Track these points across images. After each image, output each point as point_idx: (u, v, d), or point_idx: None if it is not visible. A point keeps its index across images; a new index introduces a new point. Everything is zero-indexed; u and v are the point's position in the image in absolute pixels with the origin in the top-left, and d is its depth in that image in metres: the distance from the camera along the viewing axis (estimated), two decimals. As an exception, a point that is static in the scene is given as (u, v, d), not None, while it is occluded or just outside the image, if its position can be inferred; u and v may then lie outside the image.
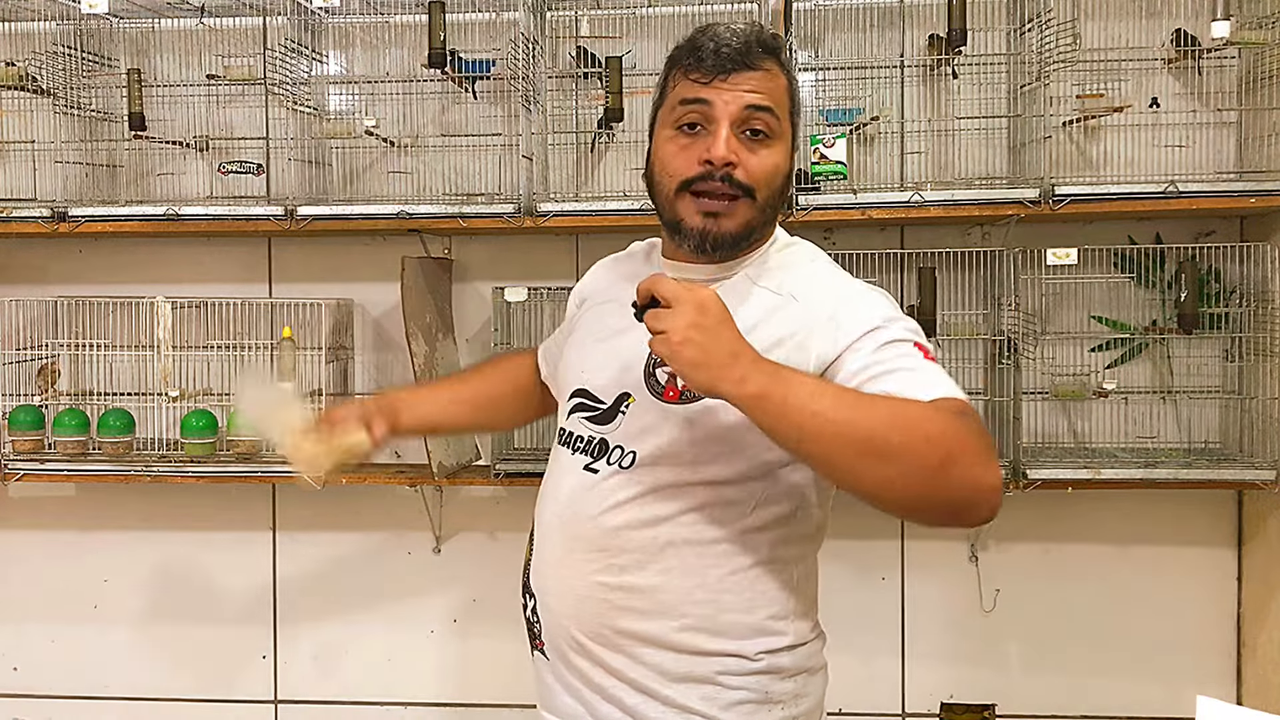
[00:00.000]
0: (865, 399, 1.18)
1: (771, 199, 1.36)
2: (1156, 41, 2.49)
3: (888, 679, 2.68)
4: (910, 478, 1.14)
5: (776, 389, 1.14)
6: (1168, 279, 2.50)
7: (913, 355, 1.25)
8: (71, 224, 2.46)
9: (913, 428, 1.14)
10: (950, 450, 1.13)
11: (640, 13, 2.57)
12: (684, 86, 1.34)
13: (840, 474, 1.17)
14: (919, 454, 1.13)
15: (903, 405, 1.17)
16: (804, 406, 1.13)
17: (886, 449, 1.13)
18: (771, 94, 1.33)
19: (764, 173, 1.33)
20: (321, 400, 2.52)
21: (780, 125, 1.34)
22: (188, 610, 2.80)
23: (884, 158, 2.57)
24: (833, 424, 1.13)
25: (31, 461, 2.55)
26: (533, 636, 1.50)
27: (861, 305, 1.32)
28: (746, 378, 1.14)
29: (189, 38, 2.67)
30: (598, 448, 1.38)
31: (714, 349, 1.15)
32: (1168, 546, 2.62)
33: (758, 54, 1.32)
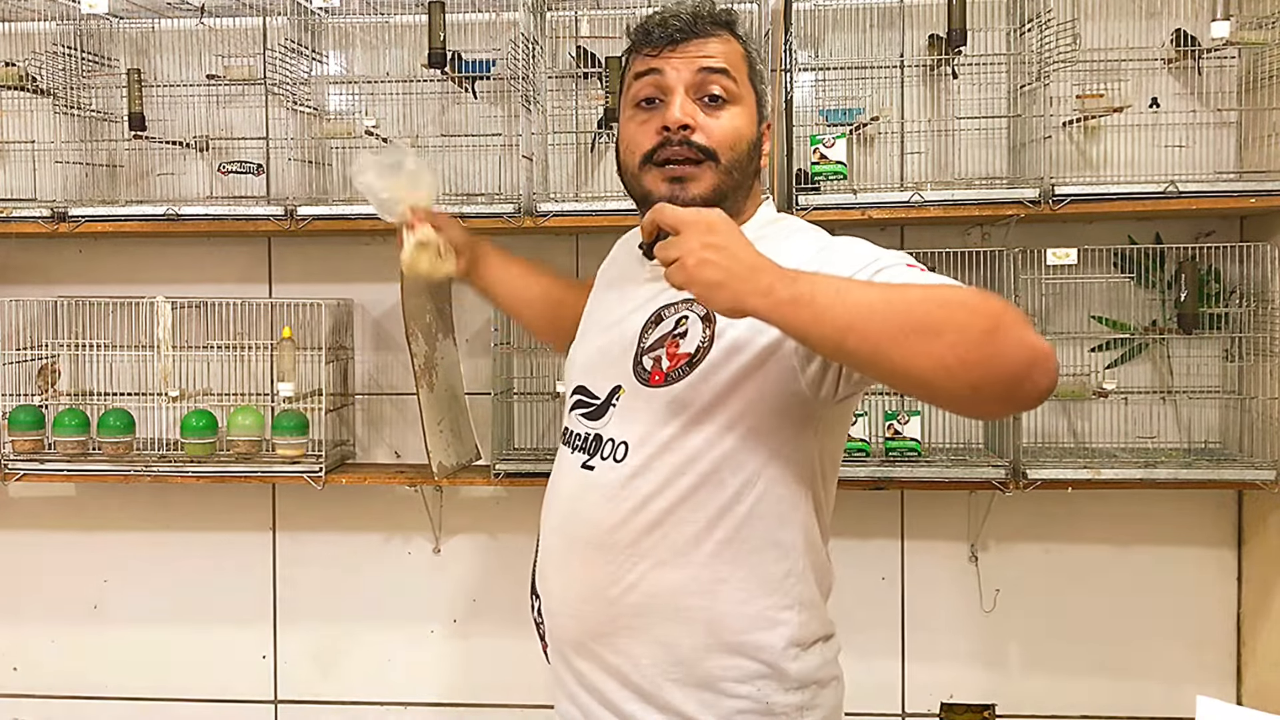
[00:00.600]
0: (896, 286, 1.12)
1: (737, 162, 1.33)
2: (1156, 41, 2.49)
3: (888, 679, 2.68)
4: (964, 347, 1.06)
5: (805, 290, 1.09)
6: (1168, 279, 2.50)
7: (914, 270, 1.20)
8: (71, 224, 2.46)
9: (951, 301, 1.08)
10: (995, 315, 1.07)
11: (640, 13, 2.57)
12: (638, 62, 1.34)
13: (891, 361, 1.08)
14: (966, 323, 1.06)
15: (933, 287, 1.12)
16: (838, 301, 1.08)
17: (932, 323, 1.07)
18: (726, 57, 1.32)
19: (724, 135, 1.31)
20: (322, 400, 2.52)
21: (739, 89, 1.32)
22: (188, 610, 2.80)
23: (884, 158, 2.57)
24: (872, 310, 1.08)
25: (31, 461, 2.55)
26: (540, 638, 1.48)
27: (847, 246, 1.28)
28: (773, 287, 1.10)
29: (189, 38, 2.67)
30: (593, 444, 1.37)
31: (733, 265, 1.11)
32: (1168, 546, 2.62)
33: (706, 24, 1.32)
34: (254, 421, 2.55)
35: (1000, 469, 2.36)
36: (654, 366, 1.30)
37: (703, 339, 1.27)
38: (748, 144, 1.34)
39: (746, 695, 1.30)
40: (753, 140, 1.35)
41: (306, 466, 2.49)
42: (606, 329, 1.42)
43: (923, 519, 2.65)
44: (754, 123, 1.35)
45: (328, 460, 2.50)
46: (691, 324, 1.30)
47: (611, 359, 1.37)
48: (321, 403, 2.52)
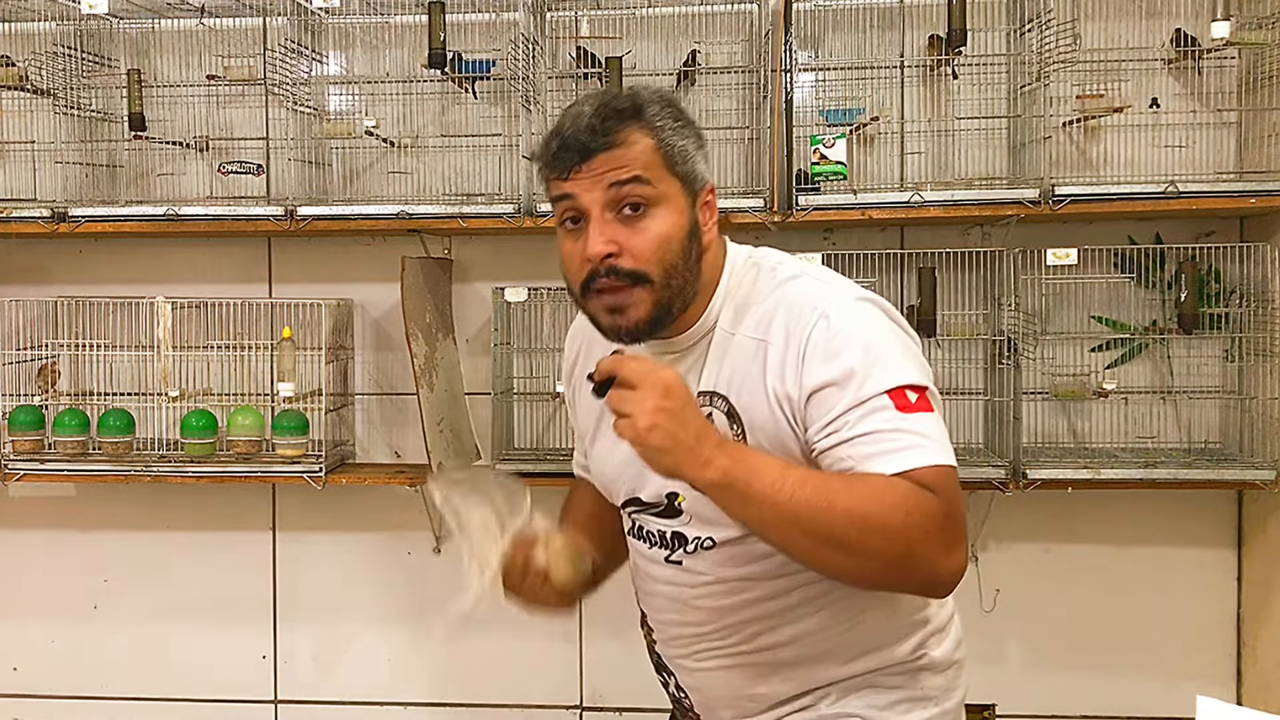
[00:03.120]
0: (829, 487, 1.14)
1: (672, 270, 1.26)
2: (1156, 41, 2.49)
3: (888, 679, 2.68)
4: (867, 569, 1.15)
5: (740, 476, 1.13)
6: (1168, 279, 2.50)
7: (882, 411, 1.18)
8: (71, 224, 2.46)
9: (873, 523, 1.12)
10: (910, 544, 1.13)
11: (640, 13, 2.57)
12: (552, 186, 1.29)
13: (800, 558, 1.18)
14: (877, 549, 1.13)
15: (865, 493, 1.14)
16: (766, 496, 1.13)
17: (846, 543, 1.13)
18: (636, 161, 1.25)
19: (649, 249, 1.25)
20: (322, 400, 2.52)
21: (657, 188, 1.25)
22: (188, 610, 2.80)
23: (884, 158, 2.56)
24: (793, 517, 1.13)
25: (31, 461, 2.55)
26: (684, 709, 1.47)
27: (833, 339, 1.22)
28: (710, 462, 1.13)
29: (189, 38, 2.67)
30: (673, 539, 1.35)
31: (679, 434, 1.13)
32: (1168, 546, 2.62)
33: (608, 130, 1.25)
34: (254, 421, 2.55)
35: (1000, 469, 2.36)
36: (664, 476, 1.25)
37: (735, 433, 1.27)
38: (679, 244, 1.27)
39: (902, 686, 1.35)
40: (686, 232, 1.27)
41: (306, 466, 2.49)
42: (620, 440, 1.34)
43: (923, 519, 2.65)
44: (684, 211, 1.28)
45: (328, 460, 2.50)
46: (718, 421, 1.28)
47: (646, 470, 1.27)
48: (321, 403, 2.52)
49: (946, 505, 1.15)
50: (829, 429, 1.19)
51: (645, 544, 1.39)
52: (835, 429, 1.19)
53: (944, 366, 2.59)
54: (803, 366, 1.21)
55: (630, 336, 1.27)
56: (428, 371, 2.45)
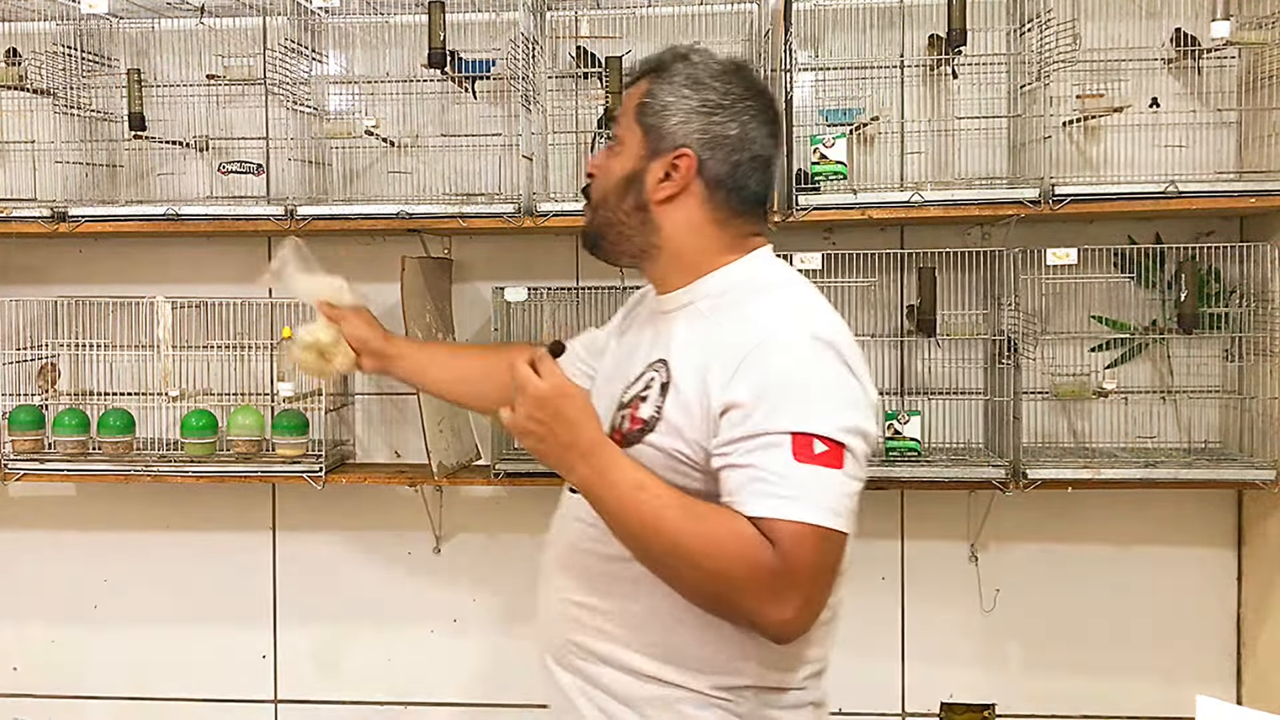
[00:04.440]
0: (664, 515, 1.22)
1: (604, 199, 1.41)
2: (1156, 41, 2.49)
3: (888, 679, 2.68)
4: (688, 593, 1.25)
5: (595, 485, 1.26)
6: (1168, 279, 2.50)
7: (776, 450, 1.19)
8: (71, 224, 2.46)
9: (691, 558, 1.20)
10: (726, 588, 1.20)
11: (640, 13, 2.57)
12: None
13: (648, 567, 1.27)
14: (693, 582, 1.22)
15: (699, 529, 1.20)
16: (613, 511, 1.25)
17: (668, 567, 1.24)
18: (624, 104, 1.42)
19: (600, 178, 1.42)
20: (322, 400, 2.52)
21: (622, 131, 1.40)
22: (188, 610, 2.80)
23: (884, 158, 2.56)
24: (629, 535, 1.25)
25: (31, 461, 2.55)
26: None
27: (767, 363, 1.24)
28: (573, 469, 1.27)
29: (189, 38, 2.67)
30: None
31: (549, 440, 1.26)
32: (1168, 546, 2.62)
33: (635, 74, 1.43)
34: (254, 421, 2.55)
35: (1000, 469, 2.36)
36: (619, 424, 1.36)
37: (655, 410, 1.32)
38: (616, 182, 1.38)
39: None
40: (625, 175, 1.37)
41: (306, 466, 2.49)
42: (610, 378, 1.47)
43: (923, 519, 2.65)
44: (634, 159, 1.37)
45: (328, 460, 2.50)
46: (652, 391, 1.34)
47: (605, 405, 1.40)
48: (321, 403, 2.52)
49: (781, 562, 1.17)
50: (724, 449, 1.24)
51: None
52: (728, 452, 1.23)
53: (944, 366, 2.59)
54: (731, 379, 1.25)
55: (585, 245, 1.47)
56: (428, 371, 2.44)
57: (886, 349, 2.59)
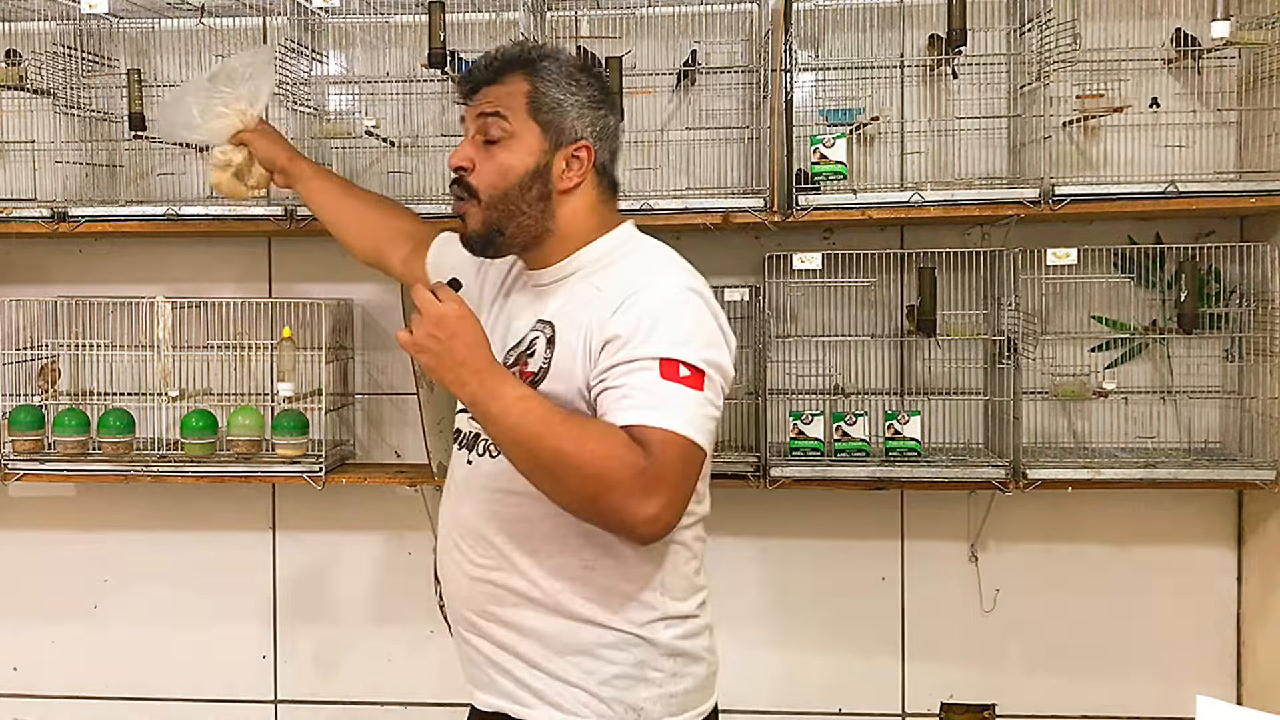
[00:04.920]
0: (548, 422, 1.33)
1: (503, 198, 1.49)
2: (1156, 41, 2.49)
3: (888, 679, 2.68)
4: (567, 498, 1.34)
5: (482, 398, 1.34)
6: (1168, 279, 2.50)
7: (646, 372, 1.35)
8: (71, 224, 2.46)
9: (571, 460, 1.31)
10: (601, 487, 1.30)
11: (640, 13, 2.57)
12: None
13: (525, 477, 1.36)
14: (572, 484, 1.32)
15: (578, 433, 1.32)
16: (498, 419, 1.33)
17: (549, 471, 1.33)
18: (501, 100, 1.50)
19: (488, 175, 1.49)
20: (322, 400, 2.52)
21: (513, 126, 1.49)
22: (188, 610, 2.80)
23: (884, 158, 2.56)
24: (514, 441, 1.34)
25: (31, 461, 2.55)
26: (446, 621, 1.63)
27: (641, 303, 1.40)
28: (465, 383, 1.34)
29: (189, 38, 2.67)
30: (473, 440, 1.54)
31: (444, 356, 1.35)
32: (1168, 546, 2.62)
33: (496, 69, 1.51)
34: (254, 421, 2.55)
35: (1000, 469, 2.36)
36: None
37: (544, 361, 1.47)
38: (518, 178, 1.49)
39: (622, 662, 1.46)
40: (530, 170, 1.49)
41: (306, 466, 2.49)
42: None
43: (923, 519, 2.65)
44: (535, 153, 1.49)
45: (328, 460, 2.50)
46: (538, 346, 1.49)
47: None
48: (321, 403, 2.52)
49: (649, 462, 1.31)
50: (601, 376, 1.39)
51: (458, 446, 1.59)
52: (604, 377, 1.38)
53: (944, 366, 2.59)
54: (610, 318, 1.40)
55: (469, 245, 1.54)
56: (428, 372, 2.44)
57: (886, 349, 2.59)
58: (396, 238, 1.94)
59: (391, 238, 1.95)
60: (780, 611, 2.68)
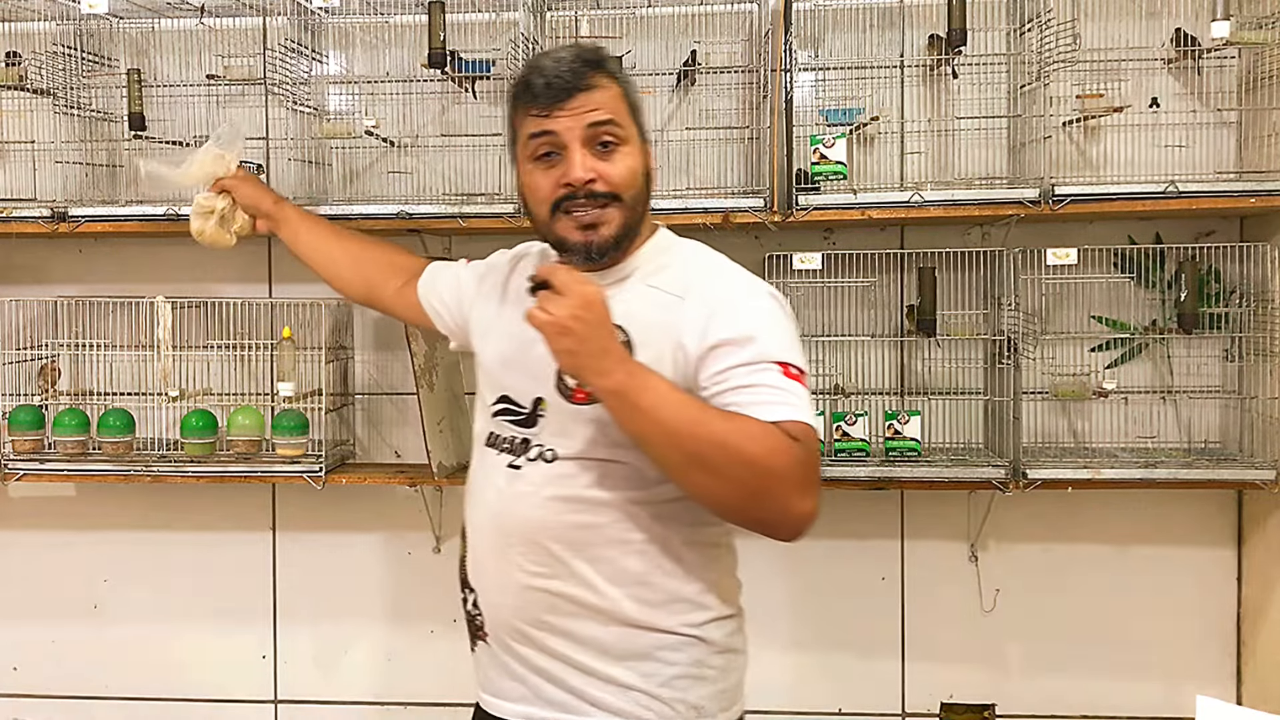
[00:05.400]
0: (707, 414, 1.31)
1: (637, 197, 1.47)
2: (1156, 41, 2.49)
3: (888, 679, 2.68)
4: (728, 493, 1.30)
5: (632, 388, 1.29)
6: (1168, 279, 2.50)
7: (770, 371, 1.35)
8: (71, 224, 2.46)
9: (739, 452, 1.27)
10: (770, 479, 1.28)
11: (640, 13, 2.57)
12: (529, 123, 1.46)
13: (672, 475, 1.33)
14: (739, 478, 1.28)
15: (738, 426, 1.29)
16: (650, 411, 1.29)
17: (712, 466, 1.28)
18: (606, 105, 1.44)
19: (622, 176, 1.45)
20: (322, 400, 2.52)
21: (625, 130, 1.46)
22: (188, 610, 2.80)
23: (884, 158, 2.56)
24: (672, 434, 1.29)
25: (31, 461, 2.55)
26: (475, 629, 1.60)
27: (741, 310, 1.41)
28: (610, 372, 1.30)
29: (189, 38, 2.67)
30: (520, 445, 1.50)
31: (590, 341, 1.29)
32: (1168, 546, 2.62)
33: (585, 75, 1.44)
34: (254, 421, 2.55)
35: (1000, 469, 2.36)
36: (577, 385, 1.44)
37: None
38: (641, 178, 1.48)
39: (681, 662, 1.45)
40: (643, 171, 1.48)
41: (306, 466, 2.49)
42: (522, 342, 1.49)
43: (923, 519, 2.65)
44: (642, 155, 1.49)
45: (328, 460, 2.50)
46: None
47: (531, 373, 1.49)
48: (321, 403, 2.52)
49: (807, 454, 1.31)
50: (720, 378, 1.36)
51: (495, 450, 1.53)
52: (726, 379, 1.35)
53: (944, 366, 2.59)
54: (708, 325, 1.38)
55: (599, 251, 1.45)
56: (428, 371, 2.45)
57: (886, 349, 2.59)
58: (387, 272, 1.91)
59: (382, 273, 1.92)
60: (780, 611, 2.68)
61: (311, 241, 1.98)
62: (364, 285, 1.95)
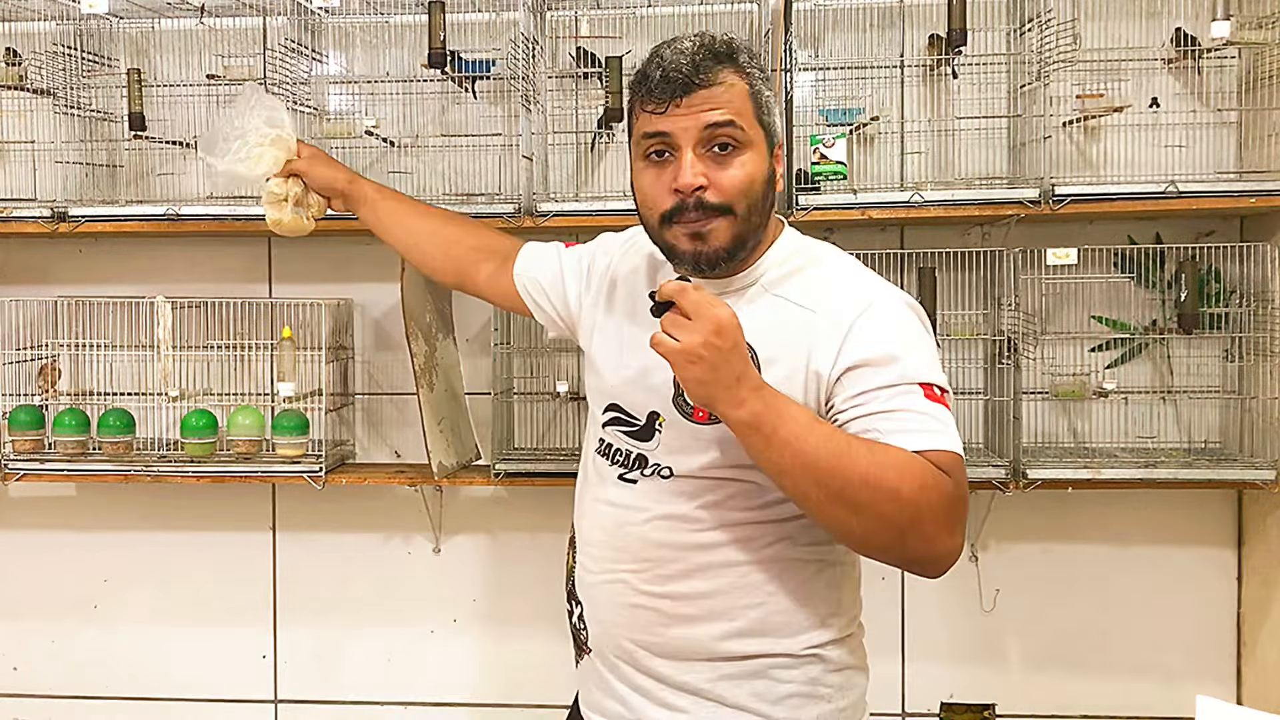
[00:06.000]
0: (851, 447, 1.21)
1: (753, 207, 1.35)
2: (1156, 41, 2.49)
3: (888, 679, 2.68)
4: (872, 532, 1.22)
5: (768, 419, 1.21)
6: (1168, 279, 2.50)
7: (912, 394, 1.27)
8: (71, 224, 2.46)
9: (886, 488, 1.19)
10: (919, 515, 1.20)
11: (640, 13, 2.57)
12: (643, 120, 1.35)
13: (809, 510, 1.25)
14: (886, 515, 1.20)
15: (884, 459, 1.21)
16: (789, 443, 1.20)
17: (857, 503, 1.20)
18: (730, 105, 1.32)
19: (736, 186, 1.33)
20: (322, 400, 2.52)
21: (747, 133, 1.33)
22: (188, 610, 2.80)
23: (884, 158, 2.56)
24: (812, 468, 1.20)
25: (31, 461, 2.55)
26: (580, 642, 1.52)
27: (880, 326, 1.31)
28: (744, 402, 1.20)
29: (189, 38, 2.67)
30: (637, 461, 1.41)
31: (722, 369, 1.19)
32: (1168, 546, 2.62)
33: (708, 68, 1.32)
34: (254, 421, 2.55)
35: (1000, 469, 2.36)
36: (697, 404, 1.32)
37: None
38: (760, 186, 1.35)
39: (795, 681, 1.38)
40: (765, 178, 1.36)
41: (306, 466, 2.49)
42: (638, 351, 1.41)
43: (923, 519, 2.65)
44: (765, 160, 1.36)
45: (328, 460, 2.50)
46: None
47: (649, 385, 1.40)
48: (321, 403, 2.52)
49: (957, 489, 1.23)
50: (859, 400, 1.27)
51: (606, 460, 1.45)
52: (865, 401, 1.27)
53: (944, 366, 2.58)
54: (844, 344, 1.29)
55: (709, 263, 1.34)
56: (428, 371, 2.44)
57: (886, 349, 2.59)
58: (478, 255, 1.76)
59: (472, 256, 1.77)
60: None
61: (391, 223, 1.82)
62: (454, 271, 1.79)
